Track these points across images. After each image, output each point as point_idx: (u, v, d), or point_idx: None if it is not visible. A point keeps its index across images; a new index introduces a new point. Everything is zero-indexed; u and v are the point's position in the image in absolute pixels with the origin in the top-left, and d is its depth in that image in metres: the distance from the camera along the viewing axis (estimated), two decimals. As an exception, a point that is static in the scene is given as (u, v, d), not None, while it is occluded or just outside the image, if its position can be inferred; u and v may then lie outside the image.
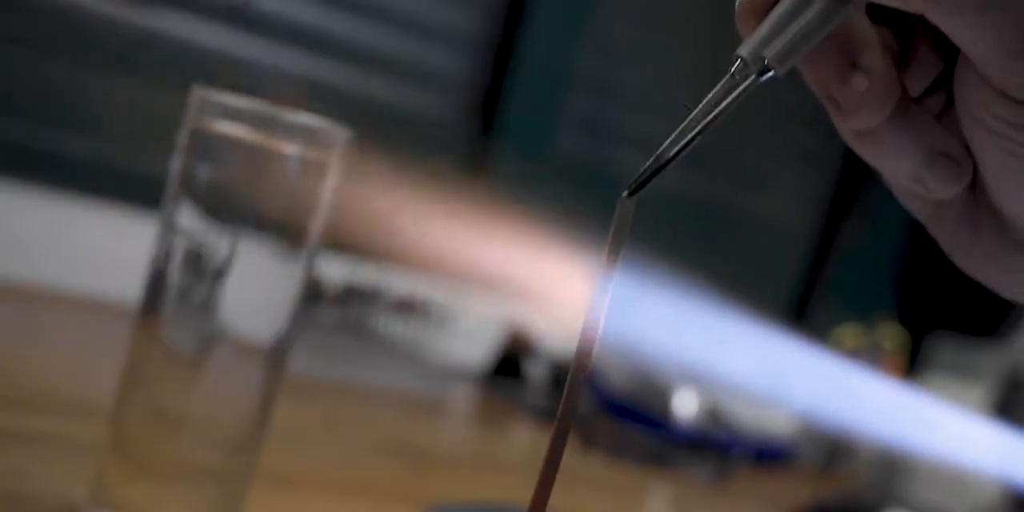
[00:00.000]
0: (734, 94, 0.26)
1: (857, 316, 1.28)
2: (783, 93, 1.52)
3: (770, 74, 0.26)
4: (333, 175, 0.43)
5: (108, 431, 0.44)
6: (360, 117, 0.44)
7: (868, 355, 1.19)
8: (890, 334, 1.22)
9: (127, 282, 0.51)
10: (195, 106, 0.43)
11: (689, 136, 0.26)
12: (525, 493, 0.25)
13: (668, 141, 0.26)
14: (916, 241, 1.52)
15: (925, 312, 1.44)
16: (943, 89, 0.30)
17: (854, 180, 1.49)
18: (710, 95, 0.26)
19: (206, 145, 0.42)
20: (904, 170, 0.28)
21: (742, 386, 0.28)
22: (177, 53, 0.98)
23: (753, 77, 0.26)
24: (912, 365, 1.34)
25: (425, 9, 1.13)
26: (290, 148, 0.42)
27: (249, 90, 0.42)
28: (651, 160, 0.26)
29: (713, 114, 0.26)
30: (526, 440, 0.93)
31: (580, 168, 1.26)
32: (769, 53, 0.26)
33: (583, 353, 0.25)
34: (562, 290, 0.27)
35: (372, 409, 0.84)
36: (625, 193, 0.26)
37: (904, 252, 1.53)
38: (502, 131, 1.18)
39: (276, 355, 0.45)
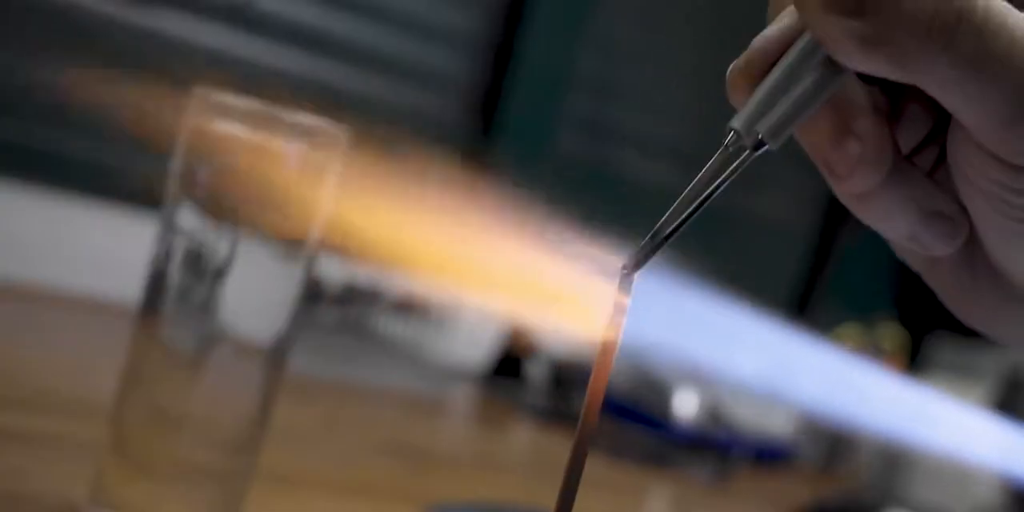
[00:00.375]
0: (729, 169, 0.26)
1: (857, 316, 1.28)
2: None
3: (765, 148, 0.26)
4: (333, 175, 0.43)
5: (108, 431, 0.44)
6: (360, 117, 0.44)
7: (868, 355, 1.19)
8: (890, 334, 1.22)
9: (127, 282, 0.51)
10: (195, 106, 0.43)
11: (686, 213, 0.26)
12: (525, 493, 0.25)
13: (665, 217, 0.26)
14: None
15: (925, 312, 1.44)
16: (934, 144, 0.30)
17: (854, 180, 1.49)
18: (705, 169, 0.26)
19: (206, 145, 0.42)
20: (900, 230, 0.28)
21: (744, 383, 0.28)
22: (177, 53, 0.98)
23: (748, 152, 0.26)
24: (912, 365, 1.34)
25: (425, 9, 1.13)
26: (290, 148, 0.42)
27: (249, 90, 0.42)
28: (648, 237, 0.26)
29: (710, 189, 0.26)
30: (526, 440, 0.93)
31: (580, 168, 1.26)
32: (763, 127, 0.26)
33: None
34: (563, 290, 0.27)
35: (372, 409, 0.84)
36: (624, 271, 0.26)
37: (904, 252, 1.52)
38: (502, 131, 1.18)
39: (276, 355, 0.44)
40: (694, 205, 0.26)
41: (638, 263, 0.26)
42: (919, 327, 1.36)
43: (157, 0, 0.96)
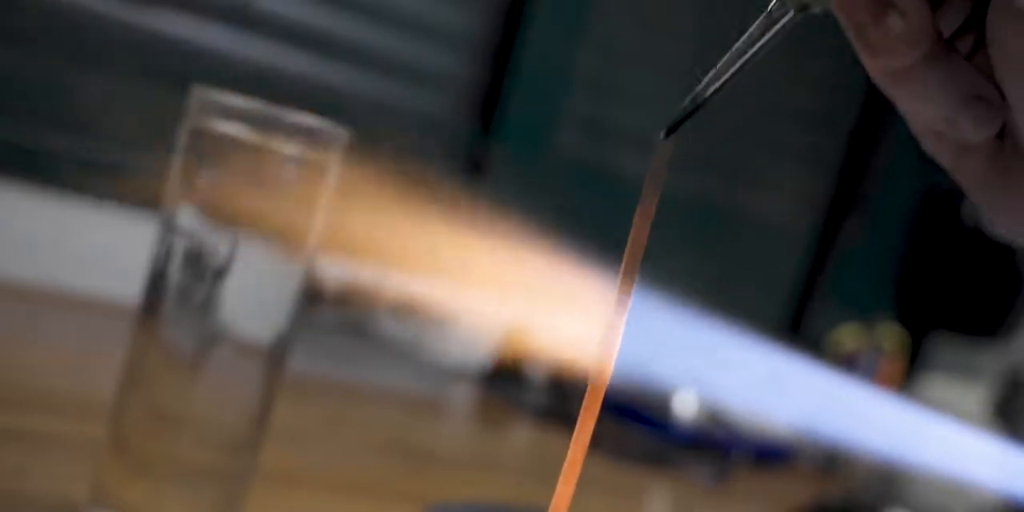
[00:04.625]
0: (772, 31, 0.25)
1: (857, 316, 1.28)
2: (782, 93, 1.53)
3: (808, 11, 0.25)
4: (333, 175, 0.43)
5: (108, 431, 0.44)
6: (360, 117, 0.44)
7: (868, 356, 1.19)
8: (890, 334, 1.22)
9: (127, 282, 0.51)
10: (195, 106, 0.43)
11: (726, 76, 0.25)
12: (525, 493, 0.25)
13: (704, 81, 0.26)
14: (916, 241, 1.52)
15: (925, 312, 1.44)
16: (972, 31, 0.30)
17: (854, 180, 1.49)
18: (747, 33, 0.26)
19: (206, 145, 0.42)
20: (937, 112, 0.28)
21: (739, 393, 0.28)
22: (177, 53, 0.98)
23: (791, 14, 0.25)
24: (912, 365, 1.34)
25: (425, 9, 1.13)
26: (290, 148, 0.42)
27: (249, 90, 0.42)
28: (687, 100, 0.25)
29: (750, 53, 0.25)
30: (526, 440, 0.93)
31: (580, 168, 1.26)
32: None
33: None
34: (563, 289, 0.27)
35: (372, 409, 0.84)
36: (662, 134, 0.25)
37: (903, 252, 1.53)
38: (502, 131, 1.18)
39: (276, 355, 0.44)
40: (732, 69, 0.25)
41: (676, 125, 0.25)
42: (919, 327, 1.36)
43: (157, 0, 0.96)
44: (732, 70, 0.25)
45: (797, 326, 1.50)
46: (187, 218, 0.42)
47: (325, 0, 1.06)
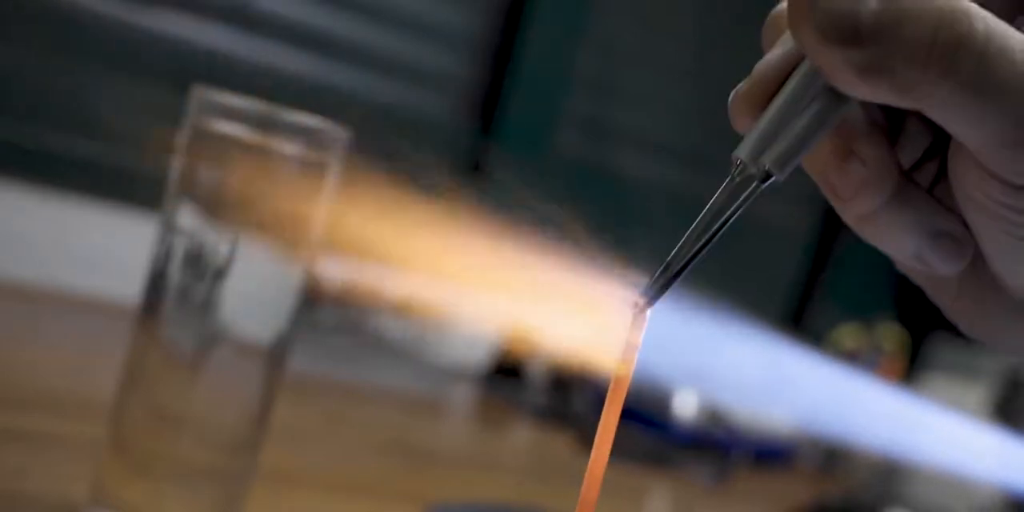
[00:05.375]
0: (739, 201, 0.25)
1: (856, 316, 1.28)
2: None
3: (772, 180, 0.25)
4: (333, 175, 0.43)
5: (108, 431, 0.44)
6: (360, 117, 0.44)
7: (868, 356, 1.19)
8: (890, 334, 1.22)
9: (127, 282, 0.51)
10: (195, 106, 0.43)
11: (697, 246, 0.26)
12: (525, 493, 0.25)
13: (675, 250, 0.26)
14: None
15: (925, 312, 1.44)
16: (934, 159, 0.30)
17: (854, 180, 1.49)
18: (712, 200, 0.26)
19: (206, 145, 0.42)
20: (906, 250, 0.28)
21: (740, 390, 0.28)
22: (177, 53, 0.98)
23: (756, 184, 0.25)
24: (912, 365, 1.34)
25: (425, 9, 1.13)
26: (290, 148, 0.42)
27: (249, 90, 0.42)
28: (659, 272, 0.26)
29: (720, 222, 0.26)
30: (526, 440, 0.93)
31: (580, 168, 1.26)
32: (768, 159, 0.25)
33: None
34: (563, 289, 0.27)
35: (372, 409, 0.84)
36: (639, 305, 0.25)
37: (904, 252, 1.52)
38: (502, 131, 1.18)
39: (276, 355, 0.45)
40: (705, 238, 0.25)
41: (651, 299, 0.25)
42: (919, 327, 1.35)
43: (157, 0, 0.96)
44: (702, 242, 0.25)
45: (797, 326, 1.50)
46: (187, 218, 0.42)
47: (325, 0, 1.06)
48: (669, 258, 0.26)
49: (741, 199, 0.25)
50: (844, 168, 0.27)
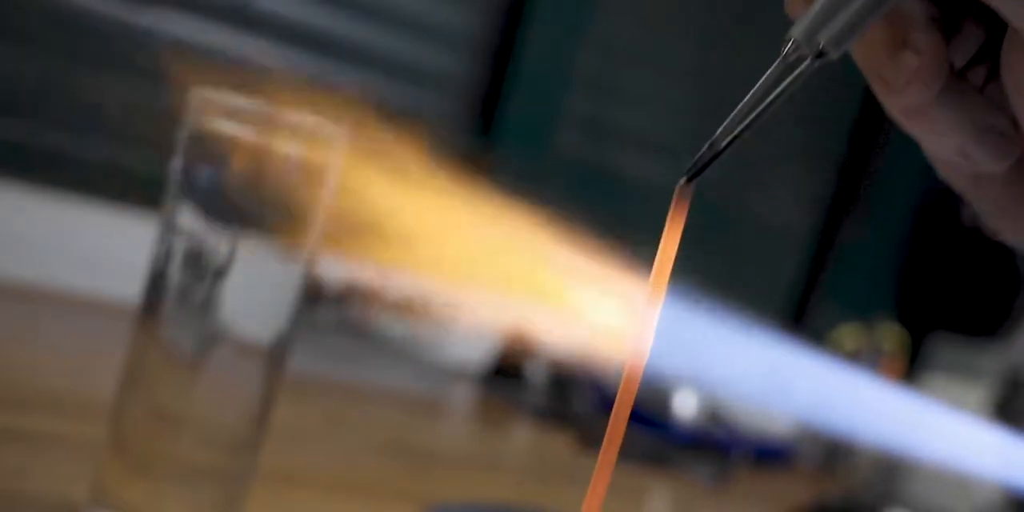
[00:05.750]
0: (789, 79, 0.25)
1: (857, 316, 1.28)
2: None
3: (826, 58, 0.25)
4: (333, 175, 0.43)
5: (108, 431, 0.44)
6: (359, 117, 0.44)
7: (868, 356, 1.19)
8: (890, 334, 1.22)
9: (127, 282, 0.51)
10: (195, 106, 0.43)
11: (743, 124, 0.25)
12: (525, 493, 0.25)
13: (721, 129, 0.26)
14: (916, 241, 1.52)
15: (925, 312, 1.44)
16: (985, 62, 0.30)
17: (853, 180, 1.49)
18: (762, 80, 0.26)
19: (206, 145, 0.42)
20: (952, 146, 0.28)
21: (740, 389, 0.28)
22: (177, 53, 0.97)
23: (809, 61, 0.25)
24: (912, 365, 1.34)
25: (425, 9, 1.13)
26: (290, 148, 0.42)
27: (249, 90, 0.42)
28: (705, 148, 0.26)
29: (767, 101, 0.25)
30: (526, 440, 0.93)
31: (580, 168, 1.26)
32: (824, 37, 0.25)
33: (633, 370, 0.25)
34: (563, 289, 0.27)
35: (372, 409, 0.84)
36: (682, 181, 0.25)
37: (904, 252, 1.53)
38: (502, 131, 1.18)
39: (276, 355, 0.44)
40: (749, 118, 0.25)
41: (695, 174, 0.26)
42: (919, 327, 1.36)
43: (157, 0, 0.96)
44: (748, 119, 0.25)
45: (797, 325, 1.50)
46: (187, 218, 0.42)
47: (325, 0, 1.06)
48: (715, 135, 0.26)
49: (793, 76, 0.25)
50: (897, 58, 0.26)
